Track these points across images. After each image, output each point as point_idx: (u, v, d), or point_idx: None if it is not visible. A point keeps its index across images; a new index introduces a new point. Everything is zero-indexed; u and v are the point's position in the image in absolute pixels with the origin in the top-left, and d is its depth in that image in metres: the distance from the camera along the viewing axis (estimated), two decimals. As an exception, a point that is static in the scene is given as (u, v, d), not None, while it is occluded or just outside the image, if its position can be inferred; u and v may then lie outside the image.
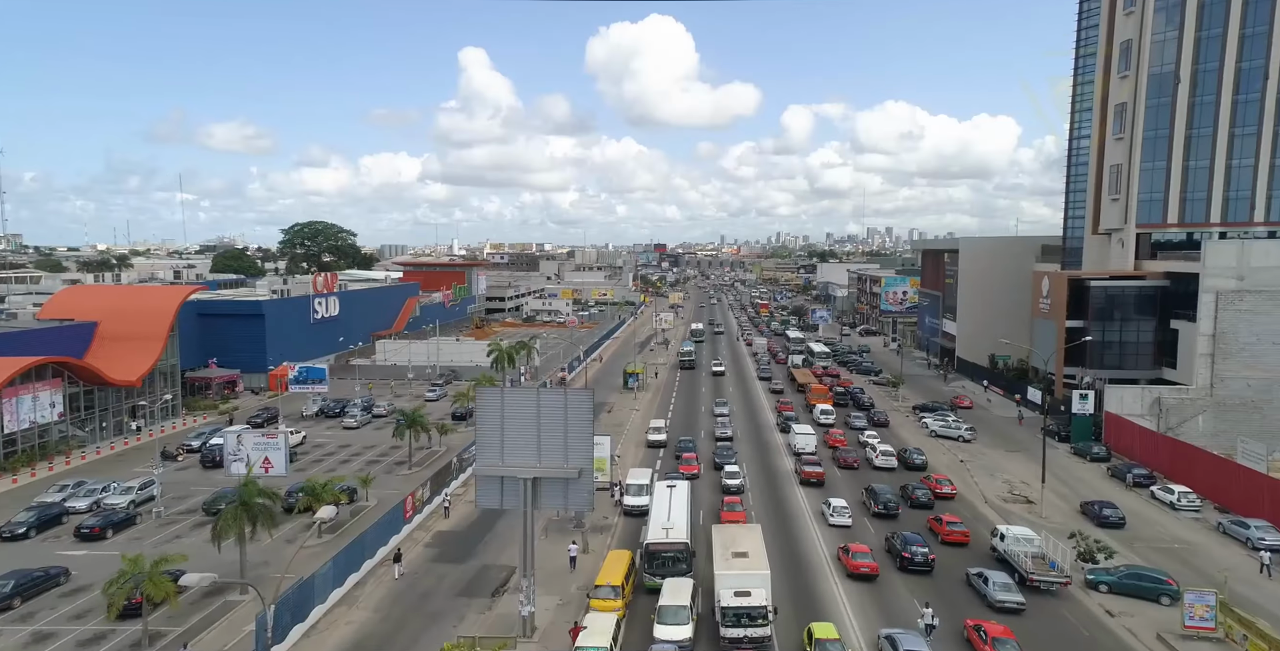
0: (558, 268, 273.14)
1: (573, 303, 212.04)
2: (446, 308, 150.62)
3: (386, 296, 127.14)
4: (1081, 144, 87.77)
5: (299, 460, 60.68)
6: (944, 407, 78.39)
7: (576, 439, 34.01)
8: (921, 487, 52.90)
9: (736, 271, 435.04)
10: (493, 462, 34.12)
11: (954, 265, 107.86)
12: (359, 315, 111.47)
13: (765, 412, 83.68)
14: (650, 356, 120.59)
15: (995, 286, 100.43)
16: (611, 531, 46.81)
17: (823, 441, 67.64)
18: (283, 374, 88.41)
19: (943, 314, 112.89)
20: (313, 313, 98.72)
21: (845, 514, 47.50)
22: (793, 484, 57.54)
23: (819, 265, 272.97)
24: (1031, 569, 38.65)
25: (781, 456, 65.69)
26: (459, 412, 72.78)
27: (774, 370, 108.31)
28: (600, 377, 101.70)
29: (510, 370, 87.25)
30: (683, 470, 56.28)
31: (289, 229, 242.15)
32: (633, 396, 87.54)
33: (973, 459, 63.00)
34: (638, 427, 73.14)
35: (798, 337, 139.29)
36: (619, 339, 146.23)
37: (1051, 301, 78.92)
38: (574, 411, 34.11)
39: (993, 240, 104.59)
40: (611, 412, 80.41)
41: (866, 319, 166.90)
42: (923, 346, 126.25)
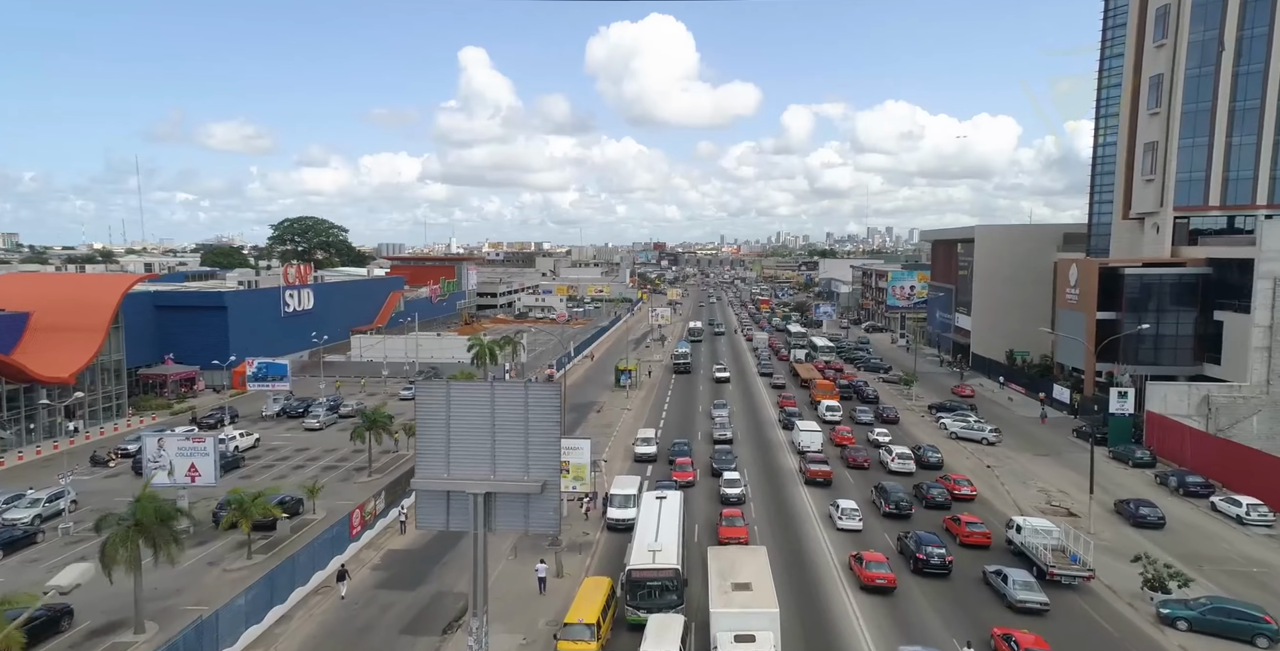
0: (554, 264, 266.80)
1: (568, 299, 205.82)
2: (434, 303, 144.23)
3: (368, 290, 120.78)
4: (1109, 122, 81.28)
5: (248, 465, 54.28)
6: (963, 407, 71.93)
7: (540, 445, 27.26)
8: (938, 487, 47.84)
9: (736, 270, 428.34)
10: (436, 474, 27.45)
11: (968, 256, 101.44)
12: (337, 309, 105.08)
13: (766, 409, 78.01)
14: (645, 353, 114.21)
15: (1013, 278, 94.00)
16: (592, 549, 40.40)
17: (829, 439, 62.25)
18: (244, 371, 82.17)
19: (955, 308, 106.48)
20: (283, 306, 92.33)
21: (855, 516, 42.96)
22: (797, 484, 51.93)
23: (821, 261, 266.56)
24: (1052, 562, 35.79)
25: (784, 454, 60.18)
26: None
27: (775, 365, 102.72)
28: (592, 375, 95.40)
29: (493, 366, 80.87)
30: (676, 477, 49.86)
31: (278, 224, 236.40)
32: (624, 395, 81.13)
33: (1000, 464, 56.55)
34: (628, 429, 66.79)
35: (799, 332, 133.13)
36: (613, 335, 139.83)
37: (1080, 292, 72.47)
38: (537, 411, 27.33)
39: (1011, 228, 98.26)
40: (601, 412, 74.03)
41: (871, 315, 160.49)
42: (933, 343, 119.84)
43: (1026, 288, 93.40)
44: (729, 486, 47.27)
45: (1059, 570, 35.37)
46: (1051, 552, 36.41)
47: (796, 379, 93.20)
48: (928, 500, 47.05)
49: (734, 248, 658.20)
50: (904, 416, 71.76)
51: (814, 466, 52.25)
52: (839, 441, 62.10)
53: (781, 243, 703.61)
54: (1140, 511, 43.95)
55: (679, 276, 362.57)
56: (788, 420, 68.55)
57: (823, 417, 70.48)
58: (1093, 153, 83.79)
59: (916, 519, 44.60)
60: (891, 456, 54.79)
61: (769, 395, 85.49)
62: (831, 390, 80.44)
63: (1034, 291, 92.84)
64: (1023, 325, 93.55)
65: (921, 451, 57.30)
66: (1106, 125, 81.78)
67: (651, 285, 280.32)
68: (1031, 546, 37.60)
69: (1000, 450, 60.39)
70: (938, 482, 49.24)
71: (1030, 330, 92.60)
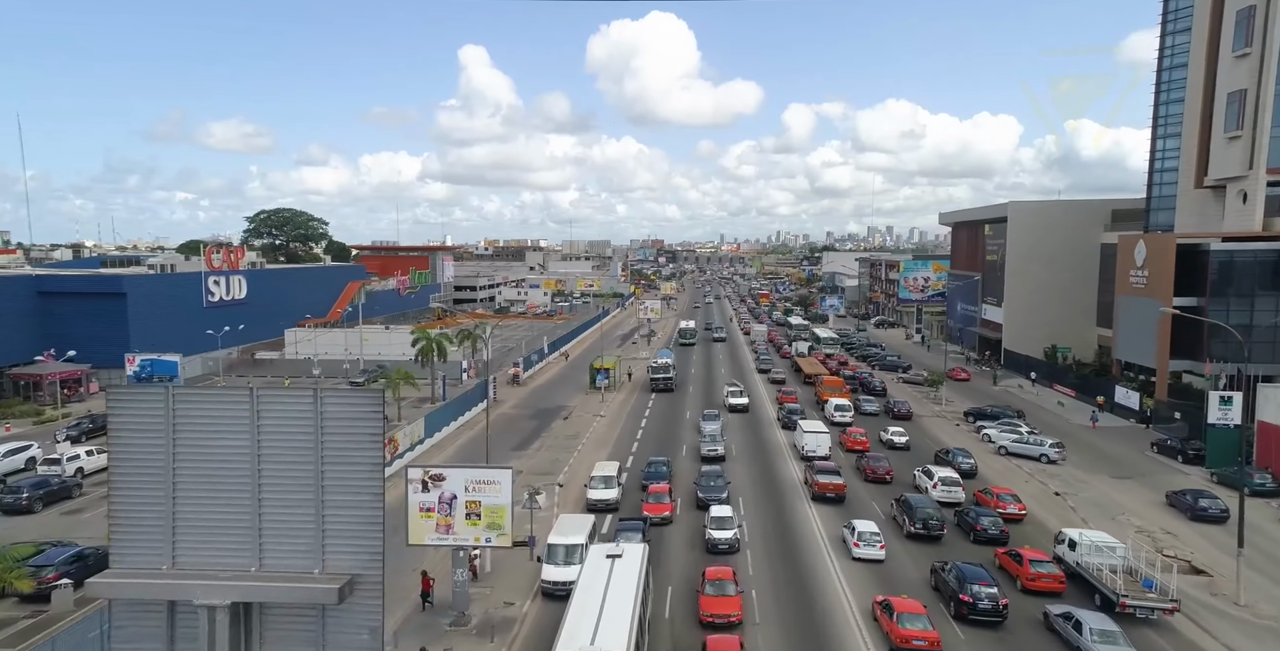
0: (543, 258, 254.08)
1: (557, 294, 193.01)
2: (402, 295, 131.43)
3: (320, 279, 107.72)
4: (1174, 74, 68.48)
5: (86, 495, 41.42)
6: (1008, 414, 59.03)
7: (348, 507, 14.13)
8: (987, 514, 37.03)
9: (736, 267, 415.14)
10: (139, 566, 14.51)
11: (998, 238, 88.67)
12: (280, 300, 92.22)
13: (765, 406, 66.94)
14: (631, 351, 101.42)
15: (1054, 261, 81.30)
16: (514, 629, 27.62)
17: (839, 443, 52.69)
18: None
19: (982, 298, 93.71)
20: (206, 294, 79.45)
21: (875, 543, 33.99)
22: (801, 499, 42.10)
23: (824, 254, 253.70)
24: (1122, 589, 28.46)
25: (785, 461, 49.89)
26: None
27: (775, 361, 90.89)
28: (567, 374, 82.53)
29: (443, 365, 68.10)
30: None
31: (254, 216, 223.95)
32: (599, 398, 68.34)
33: (1071, 489, 43.68)
34: (598, 440, 54.09)
35: (801, 323, 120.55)
36: (598, 331, 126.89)
37: (1150, 274, 59.73)
38: (342, 442, 14.13)
39: (1050, 204, 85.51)
40: (569, 419, 61.24)
41: (881, 309, 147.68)
42: (954, 338, 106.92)
43: (1069, 273, 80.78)
44: (717, 527, 34.46)
45: (1132, 600, 27.96)
46: (1120, 576, 29.02)
47: (799, 375, 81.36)
48: (975, 531, 35.96)
49: (734, 246, 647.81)
50: (938, 427, 59.34)
51: (823, 478, 42.00)
52: (851, 446, 51.78)
53: (781, 241, 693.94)
54: (1199, 504, 39.47)
55: (676, 273, 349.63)
56: (788, 418, 58.22)
57: (831, 419, 59.10)
58: (1154, 110, 70.91)
59: (949, 542, 36.00)
60: (933, 482, 42.00)
61: (767, 391, 74.02)
62: (841, 388, 68.64)
63: (1078, 276, 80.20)
64: (1064, 316, 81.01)
65: (951, 456, 47.43)
66: (1171, 76, 68.97)
67: (646, 280, 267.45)
68: (1091, 568, 30.24)
69: (1066, 470, 47.48)
70: (980, 502, 39.70)
71: (1074, 322, 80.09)
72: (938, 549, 34.99)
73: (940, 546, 35.41)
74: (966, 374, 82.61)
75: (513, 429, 58.17)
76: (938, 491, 41.38)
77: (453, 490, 27.06)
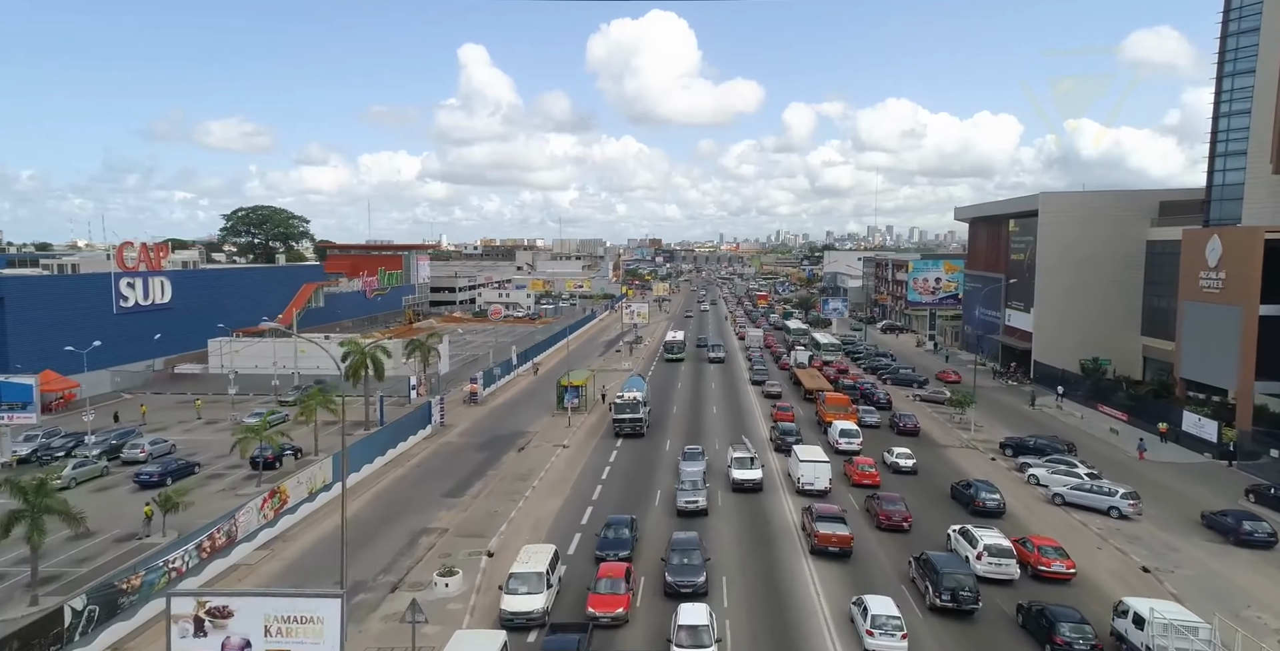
0: (532, 257, 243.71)
1: (544, 295, 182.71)
2: (369, 298, 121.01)
3: (270, 280, 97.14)
4: (1243, 40, 58.18)
5: None
6: (1056, 447, 48.57)
7: None
8: (1072, 622, 25.81)
9: (734, 266, 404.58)
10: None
11: (1025, 235, 78.34)
12: (217, 304, 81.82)
13: (757, 426, 58.05)
14: (612, 360, 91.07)
15: (1093, 261, 71.16)
16: None
17: (842, 474, 44.27)
18: (59, 386, 59.29)
19: (1006, 303, 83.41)
20: (118, 298, 69.08)
21: (894, 630, 25.09)
22: (798, 551, 33.70)
23: (826, 253, 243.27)
24: None
25: (779, 496, 41.34)
26: (261, 456, 43.35)
27: (770, 370, 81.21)
28: (536, 390, 72.12)
29: (380, 383, 57.72)
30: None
31: (231, 214, 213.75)
32: (565, 422, 58.03)
33: (1165, 564, 33.15)
34: (553, 482, 43.75)
35: (800, 328, 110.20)
36: (582, 337, 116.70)
37: (1227, 276, 49.47)
38: None
39: (1088, 196, 75.14)
40: (524, 451, 50.88)
41: (887, 312, 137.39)
42: (971, 346, 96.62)
43: (1109, 274, 70.68)
44: (691, 643, 24.09)
45: None
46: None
47: (798, 389, 71.49)
48: (1055, 646, 25.21)
49: (733, 245, 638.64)
50: (971, 461, 49.10)
51: (824, 527, 33.21)
52: (858, 479, 43.22)
53: (781, 241, 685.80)
54: (1244, 526, 34.95)
55: (673, 273, 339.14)
56: (782, 440, 50.13)
57: (835, 446, 49.80)
58: (1216, 86, 60.54)
59: (986, 616, 27.68)
60: (976, 550, 31.71)
61: (761, 406, 64.92)
62: (846, 407, 58.38)
63: (1119, 279, 70.13)
64: (1104, 324, 70.91)
65: (973, 490, 39.50)
66: (1239, 42, 58.63)
67: (641, 280, 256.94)
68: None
69: (1145, 529, 37.07)
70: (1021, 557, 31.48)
71: (1115, 330, 69.95)
72: (974, 631, 26.45)
73: (973, 624, 27.20)
74: (957, 376, 77.94)
75: (453, 464, 47.85)
76: (983, 564, 31.12)
77: (244, 632, 16.72)
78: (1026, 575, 31.14)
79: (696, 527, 35.39)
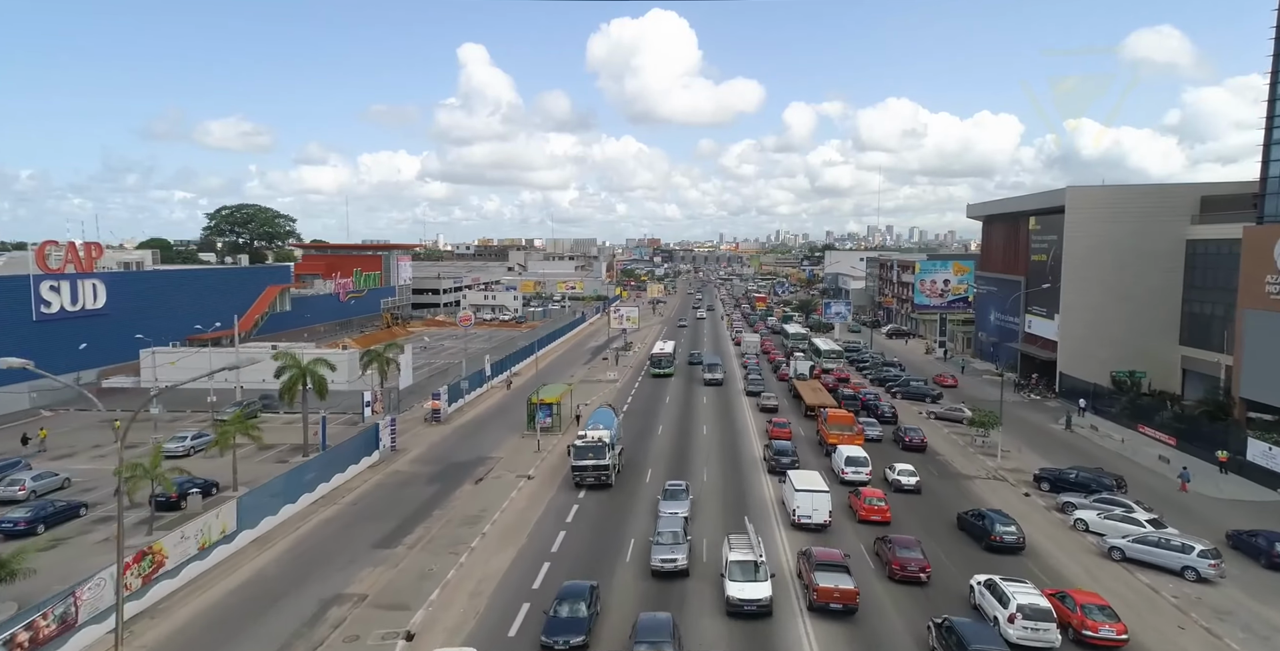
0: (524, 257, 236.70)
1: (534, 297, 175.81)
2: (343, 301, 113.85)
3: (230, 283, 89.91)
4: (1306, 14, 51.16)
5: None
6: (1104, 482, 41.38)
7: None
8: None
9: (733, 266, 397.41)
10: None
11: (1049, 233, 71.34)
12: (163, 310, 74.74)
13: (749, 443, 52.35)
14: (596, 370, 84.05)
15: (1126, 263, 64.25)
16: None
17: (847, 506, 38.74)
18: None
19: (1025, 308, 76.41)
20: (39, 304, 61.99)
21: None
22: (792, 607, 27.87)
23: (827, 253, 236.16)
24: None
25: (771, 527, 36.29)
26: (165, 494, 36.35)
27: (767, 380, 75.11)
28: (509, 405, 65.13)
29: (322, 401, 50.66)
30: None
31: (214, 213, 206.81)
32: (534, 446, 51.03)
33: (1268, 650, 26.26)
34: (508, 529, 36.71)
35: (799, 333, 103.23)
36: (568, 343, 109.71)
37: (1300, 280, 42.46)
38: None
39: (1120, 191, 68.06)
40: (482, 483, 43.88)
41: (892, 316, 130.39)
42: (986, 354, 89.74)
43: (1145, 277, 63.73)
44: None
45: None
46: None
47: (797, 402, 65.20)
48: None
49: (732, 245, 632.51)
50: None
51: (825, 579, 27.44)
52: (865, 515, 36.93)
53: (781, 241, 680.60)
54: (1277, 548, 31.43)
55: (670, 273, 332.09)
56: (775, 461, 44.87)
57: (840, 474, 43.22)
58: (1270, 74, 53.44)
59: None
60: (1008, 612, 25.08)
61: (755, 421, 58.78)
62: (851, 426, 51.26)
63: (1156, 283, 63.19)
64: (1137, 333, 63.94)
65: (986, 522, 34.11)
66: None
67: (637, 281, 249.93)
68: None
69: (1231, 595, 29.99)
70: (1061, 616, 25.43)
71: (1149, 340, 63.04)
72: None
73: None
74: (954, 380, 75.97)
75: (396, 501, 40.80)
76: (1016, 628, 24.74)
77: None
78: (1068, 638, 25.09)
79: (674, 594, 28.56)
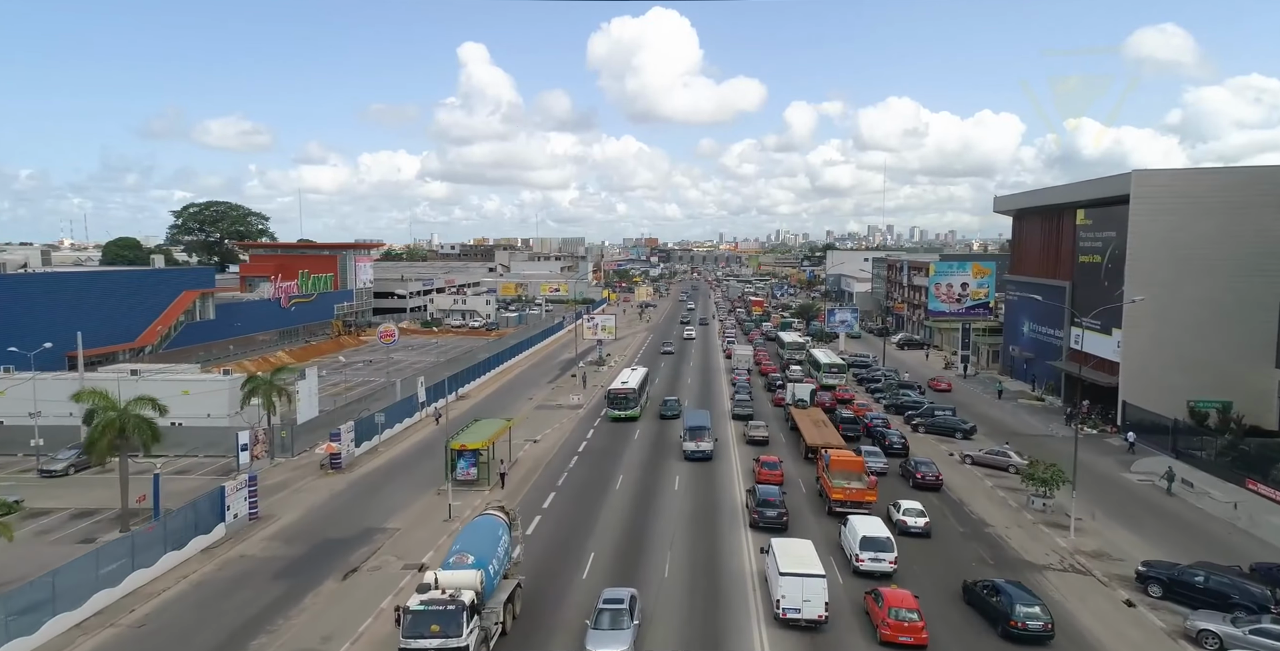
0: (508, 257, 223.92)
1: (515, 300, 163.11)
2: (285, 308, 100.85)
3: (130, 289, 76.41)
4: None
5: None
6: (1250, 589, 28.03)
7: None
8: None
9: (732, 267, 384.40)
10: None
11: (1102, 230, 58.51)
12: (40, 321, 61.90)
13: (729, 488, 42.82)
14: (559, 392, 71.11)
15: (1210, 266, 51.40)
16: None
17: (860, 609, 27.94)
18: None
19: (1071, 320, 63.57)
20: None
21: None
22: None
23: (829, 253, 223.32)
24: None
25: (749, 625, 26.84)
26: None
27: (758, 402, 63.49)
28: (435, 443, 51.95)
29: (144, 457, 37.71)
30: None
31: (181, 211, 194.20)
32: (445, 512, 38.08)
33: None
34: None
35: (795, 342, 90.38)
36: (539, 353, 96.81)
37: None
38: None
39: (1201, 176, 55.12)
40: (351, 578, 30.96)
41: (903, 323, 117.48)
42: (1017, 372, 76.81)
43: (1233, 285, 50.91)
44: None
45: None
46: None
47: (794, 435, 52.70)
48: None
49: (731, 245, 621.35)
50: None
51: None
52: (890, 635, 25.19)
53: (781, 240, 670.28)
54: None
55: (666, 273, 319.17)
56: (760, 514, 35.86)
57: (854, 561, 31.42)
58: None
59: None
60: None
61: (741, 458, 47.74)
62: (862, 475, 39.37)
63: (1246, 293, 50.38)
64: (1220, 353, 51.15)
65: (1005, 600, 26.22)
66: None
67: (628, 283, 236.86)
68: None
69: None
70: None
71: (1235, 363, 50.28)
72: None
73: None
74: (948, 384, 71.09)
75: (213, 614, 27.87)
76: None
77: None
78: None
79: None
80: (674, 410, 59.86)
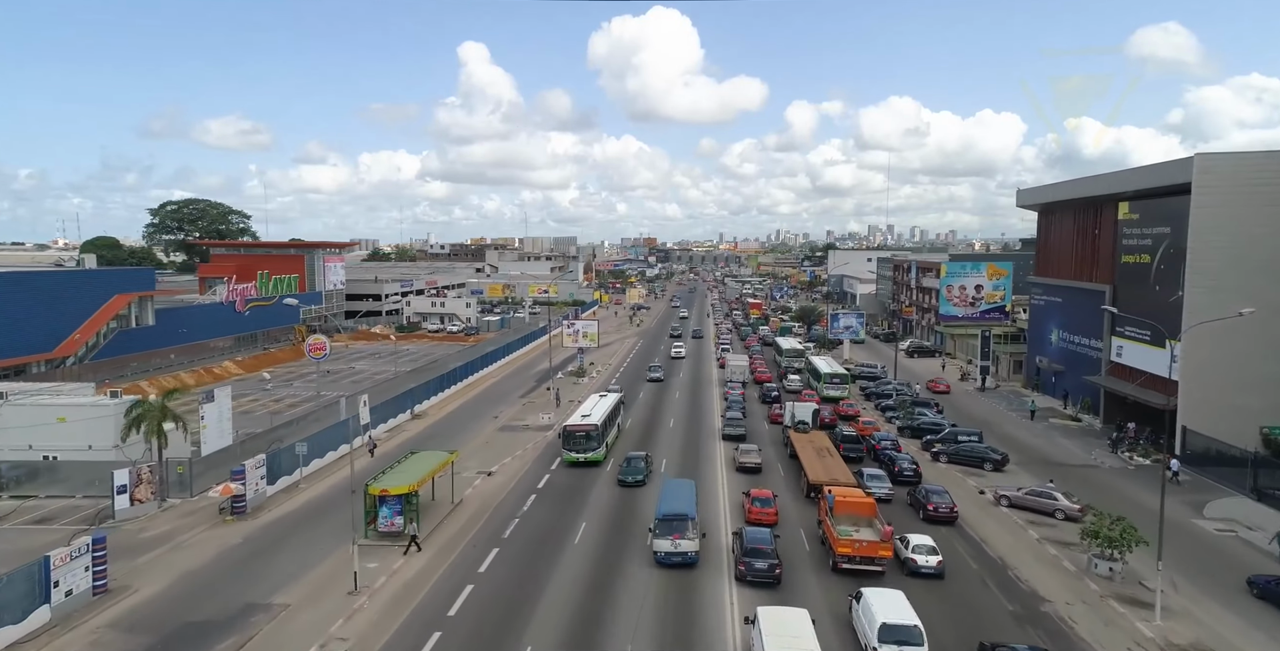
0: (497, 257, 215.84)
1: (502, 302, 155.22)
2: (240, 312, 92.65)
3: (53, 292, 68.28)
4: None
5: None
6: None
7: None
8: None
9: (732, 267, 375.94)
10: None
11: (1151, 225, 50.40)
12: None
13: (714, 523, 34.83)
14: (528, 410, 62.95)
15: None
16: None
17: None
18: None
19: (1113, 329, 55.42)
20: None
21: None
22: None
23: (830, 253, 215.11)
24: None
25: None
26: None
27: (753, 420, 56.36)
28: (362, 480, 43.85)
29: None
30: None
31: (158, 209, 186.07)
32: (359, 576, 29.90)
33: None
34: None
35: (792, 348, 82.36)
36: (514, 363, 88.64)
37: None
38: None
39: (1272, 161, 47.08)
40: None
41: (910, 328, 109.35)
42: (1043, 385, 68.65)
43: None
44: None
45: None
46: None
47: (796, 467, 44.09)
48: None
49: (731, 244, 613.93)
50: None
51: None
52: None
53: (781, 240, 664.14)
54: None
55: (664, 274, 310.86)
56: (747, 565, 28.99)
57: (866, 642, 23.98)
58: None
59: None
60: None
61: (728, 488, 40.91)
62: (872, 520, 32.56)
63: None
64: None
65: None
66: None
67: (623, 283, 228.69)
68: None
69: None
70: None
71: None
72: None
73: None
74: (946, 386, 68.61)
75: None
76: None
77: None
78: None
79: None
80: (638, 474, 40.94)
